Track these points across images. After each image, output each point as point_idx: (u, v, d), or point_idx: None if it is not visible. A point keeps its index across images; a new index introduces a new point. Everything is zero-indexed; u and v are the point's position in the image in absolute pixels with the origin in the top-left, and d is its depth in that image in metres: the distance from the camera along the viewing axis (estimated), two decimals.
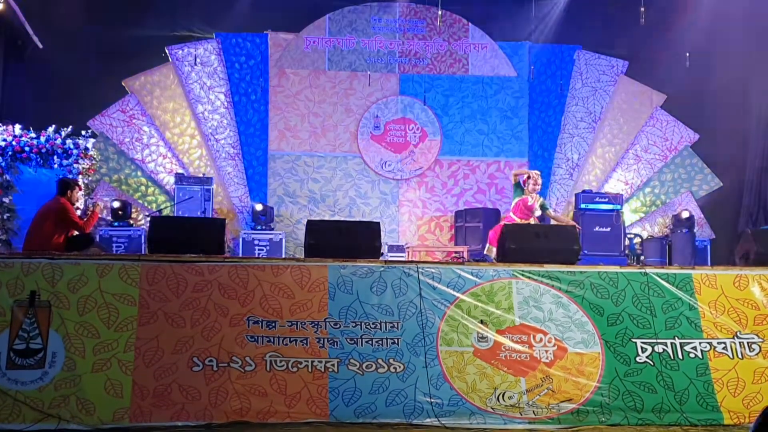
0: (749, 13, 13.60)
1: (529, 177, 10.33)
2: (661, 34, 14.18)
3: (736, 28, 13.72)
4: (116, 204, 13.14)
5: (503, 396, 6.86)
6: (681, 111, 14.95)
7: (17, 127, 12.41)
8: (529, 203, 10.23)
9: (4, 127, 12.41)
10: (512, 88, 15.16)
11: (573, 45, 15.23)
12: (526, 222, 10.01)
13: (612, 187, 14.80)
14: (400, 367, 6.90)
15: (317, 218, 14.11)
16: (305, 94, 14.81)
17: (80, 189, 9.96)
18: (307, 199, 14.65)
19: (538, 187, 10.29)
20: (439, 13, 14.43)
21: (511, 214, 10.36)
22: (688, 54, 13.81)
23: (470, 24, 15.12)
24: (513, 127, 15.09)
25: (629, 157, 15.06)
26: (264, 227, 13.60)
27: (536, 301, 7.27)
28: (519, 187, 10.35)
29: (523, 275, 7.39)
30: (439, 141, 14.92)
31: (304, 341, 6.89)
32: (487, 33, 15.13)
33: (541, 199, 10.37)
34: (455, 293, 7.22)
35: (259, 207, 13.63)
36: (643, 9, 12.90)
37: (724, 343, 7.19)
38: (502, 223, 10.17)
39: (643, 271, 7.48)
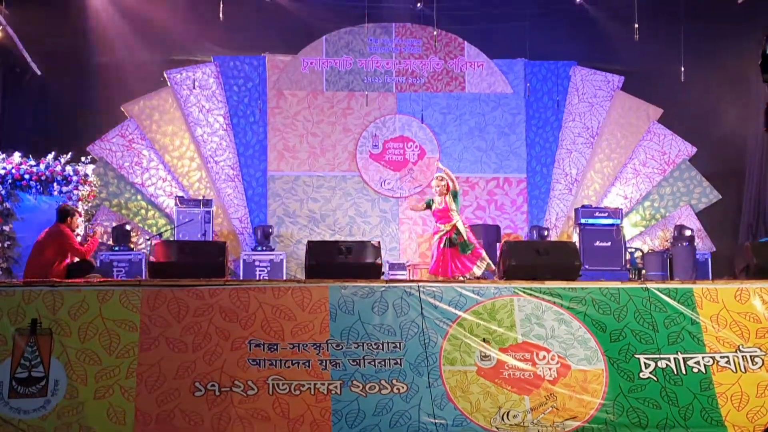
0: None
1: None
2: (655, 49, 14.25)
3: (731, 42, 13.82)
4: (116, 229, 13.13)
5: (507, 415, 6.84)
6: (678, 125, 14.98)
7: (17, 154, 12.42)
8: (441, 207, 10.29)
9: (4, 155, 12.41)
10: (509, 105, 15.20)
11: (568, 61, 15.29)
12: (448, 224, 10.16)
13: (611, 201, 14.81)
14: (403, 387, 6.87)
15: (317, 238, 14.13)
16: (303, 114, 14.86)
17: (80, 215, 9.99)
18: (307, 218, 14.66)
19: (439, 189, 10.31)
20: (435, 33, 14.50)
21: (437, 224, 10.45)
22: (683, 69, 13.87)
23: (466, 42, 15.18)
24: (511, 144, 15.12)
25: (628, 172, 15.08)
26: (264, 248, 13.60)
27: (538, 319, 7.26)
28: (428, 202, 10.51)
29: (524, 292, 7.39)
30: (438, 159, 14.93)
31: (307, 363, 6.88)
32: (482, 51, 15.19)
33: (448, 195, 10.34)
34: (457, 312, 7.21)
35: (259, 229, 13.68)
36: (636, 25, 12.96)
37: (727, 357, 7.18)
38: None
39: (644, 286, 7.48)
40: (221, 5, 12.78)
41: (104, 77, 13.93)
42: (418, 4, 13.99)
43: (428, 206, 10.47)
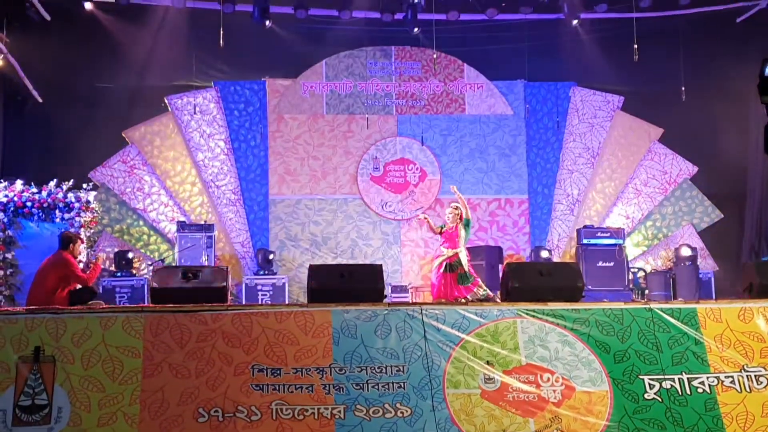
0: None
1: None
2: (655, 69, 14.32)
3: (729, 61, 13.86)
4: (119, 254, 13.13)
5: None
6: (679, 144, 15.02)
7: (19, 182, 12.45)
8: (450, 231, 10.63)
9: (6, 183, 12.44)
10: (509, 126, 15.25)
11: (568, 82, 15.35)
12: (451, 250, 10.47)
13: (613, 221, 14.82)
14: (407, 411, 6.84)
15: (319, 261, 14.12)
16: (304, 138, 14.91)
17: (82, 242, 9.98)
18: (309, 242, 14.67)
19: (452, 216, 10.66)
20: (434, 56, 14.58)
21: (441, 247, 10.80)
22: (683, 88, 13.92)
23: (465, 64, 15.25)
24: (512, 165, 15.15)
25: (629, 192, 15.10)
26: (266, 272, 13.60)
27: (542, 340, 7.23)
28: (441, 227, 10.81)
29: (527, 314, 7.36)
30: (439, 180, 14.98)
31: (310, 388, 6.85)
32: (482, 73, 15.25)
33: (453, 220, 10.66)
34: (460, 334, 7.18)
35: (261, 253, 13.69)
36: (636, 46, 13.05)
37: (732, 377, 7.14)
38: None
39: (647, 306, 7.46)
40: (221, 31, 12.89)
41: (105, 104, 14.04)
42: (416, 29, 14.03)
43: (442, 230, 10.75)
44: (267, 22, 13.58)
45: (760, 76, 6.06)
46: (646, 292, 13.68)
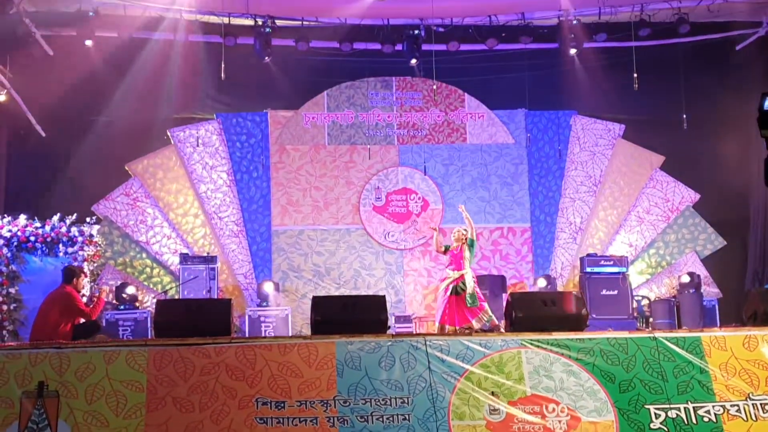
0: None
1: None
2: (656, 97, 14.39)
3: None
4: (121, 287, 13.12)
5: None
6: (680, 172, 15.03)
7: (22, 217, 12.47)
8: (455, 252, 10.78)
9: (9, 217, 12.46)
10: (511, 155, 15.28)
11: (569, 110, 15.40)
12: (457, 272, 10.59)
13: (616, 249, 14.78)
14: None
15: (323, 292, 14.11)
16: (306, 168, 14.94)
17: (86, 276, 9.98)
18: (312, 272, 14.65)
19: (457, 235, 10.87)
20: (435, 86, 14.66)
21: (446, 269, 10.92)
22: (684, 116, 13.98)
23: (466, 94, 15.31)
24: (514, 193, 15.16)
25: (632, 219, 15.09)
26: (269, 303, 13.56)
27: (547, 371, 7.21)
28: (447, 247, 10.96)
29: (531, 344, 7.35)
30: (441, 209, 14.99)
31: (314, 421, 6.83)
32: (482, 102, 15.32)
33: (458, 240, 10.84)
34: (464, 365, 7.17)
35: (264, 284, 13.66)
36: (636, 75, 13.11)
37: (738, 405, 7.12)
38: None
39: (652, 335, 7.45)
40: (223, 64, 12.97)
41: (108, 137, 14.09)
42: (413, 60, 14.12)
43: (446, 250, 10.91)
44: (266, 58, 13.67)
45: (759, 109, 6.09)
46: (651, 320, 13.63)
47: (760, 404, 7.13)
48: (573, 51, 14.11)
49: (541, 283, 13.93)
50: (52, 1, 12.88)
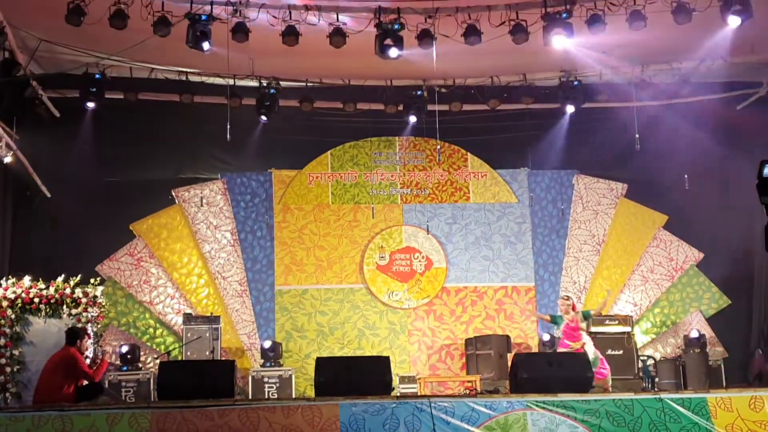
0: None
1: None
2: (657, 156, 14.47)
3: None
4: (125, 348, 13.05)
5: None
6: (684, 231, 15.05)
7: (27, 278, 12.47)
8: (572, 324, 11.38)
9: (14, 279, 12.46)
10: (514, 214, 15.32)
11: (571, 170, 15.47)
12: (578, 342, 11.27)
13: (621, 308, 14.74)
14: None
15: (326, 352, 14.07)
16: (310, 228, 14.97)
17: (89, 337, 9.96)
18: (316, 332, 14.59)
19: (564, 308, 11.54)
20: (438, 146, 14.78)
21: (565, 340, 11.55)
22: (686, 176, 14.05)
23: (468, 153, 15.42)
24: (517, 252, 15.17)
25: (636, 278, 15.07)
26: (273, 363, 13.46)
27: None
28: (555, 318, 11.75)
29: (537, 406, 7.31)
30: (445, 268, 14.98)
31: None
32: (485, 161, 15.41)
33: (577, 314, 11.58)
34: (470, 427, 7.12)
35: (267, 344, 13.58)
36: (637, 135, 13.21)
37: None
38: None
39: (657, 396, 7.40)
40: (228, 125, 13.09)
41: (113, 197, 14.19)
42: (412, 117, 14.29)
43: (554, 321, 11.68)
44: (262, 117, 13.81)
45: (758, 176, 6.14)
46: (656, 380, 13.53)
47: None
48: (571, 110, 14.25)
49: (546, 337, 13.90)
50: (59, 63, 13.04)
